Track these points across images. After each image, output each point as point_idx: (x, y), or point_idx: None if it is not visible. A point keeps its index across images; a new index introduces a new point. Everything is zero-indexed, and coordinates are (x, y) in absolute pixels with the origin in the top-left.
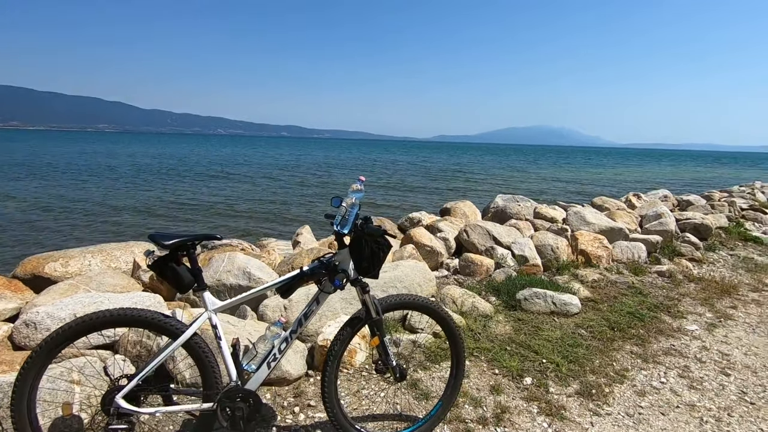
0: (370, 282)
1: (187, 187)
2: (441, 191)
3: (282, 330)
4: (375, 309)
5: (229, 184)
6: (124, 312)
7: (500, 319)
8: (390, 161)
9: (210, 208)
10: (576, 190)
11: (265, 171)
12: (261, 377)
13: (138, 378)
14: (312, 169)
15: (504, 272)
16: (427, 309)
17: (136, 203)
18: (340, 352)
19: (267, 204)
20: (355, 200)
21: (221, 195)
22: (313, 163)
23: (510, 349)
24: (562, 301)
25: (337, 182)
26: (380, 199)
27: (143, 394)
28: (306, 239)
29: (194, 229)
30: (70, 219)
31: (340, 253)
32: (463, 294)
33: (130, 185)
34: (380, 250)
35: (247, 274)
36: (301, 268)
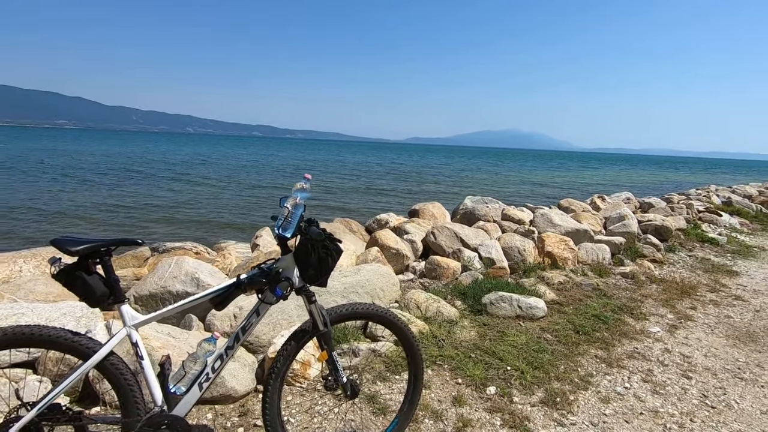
0: (326, 287)
1: (141, 189)
2: (411, 193)
3: (215, 347)
4: (322, 320)
5: (187, 186)
6: (21, 330)
7: (465, 325)
8: (360, 162)
9: (164, 210)
10: (543, 193)
11: (228, 172)
12: (191, 401)
13: (39, 407)
14: (279, 170)
15: (470, 275)
16: (381, 319)
17: (79, 206)
18: (283, 369)
19: (228, 206)
20: (299, 200)
21: (178, 197)
22: (281, 163)
23: (474, 356)
24: (527, 305)
25: None
26: (349, 200)
27: (49, 425)
28: (265, 242)
29: (149, 234)
30: (6, 221)
31: (283, 259)
32: (427, 299)
33: (79, 186)
34: (328, 255)
35: (196, 280)
36: (239, 276)
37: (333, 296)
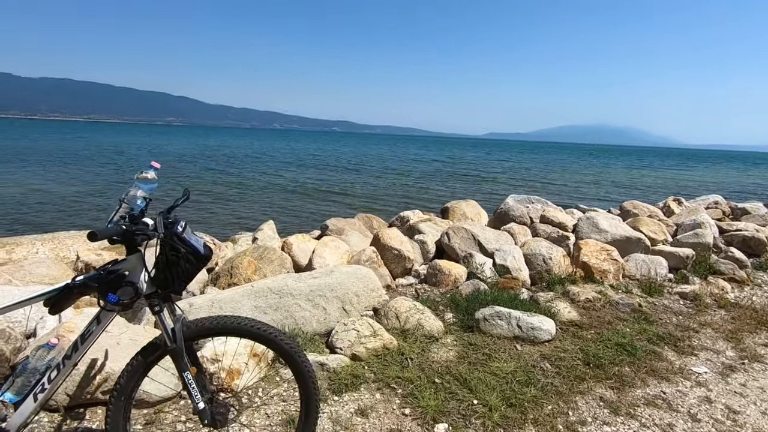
0: (181, 294)
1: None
2: (460, 191)
3: (51, 354)
4: (170, 336)
5: (238, 177)
6: None
7: (448, 342)
8: (420, 157)
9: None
10: (616, 193)
11: (298, 164)
12: (26, 412)
13: None
14: (330, 166)
15: (473, 284)
16: (256, 336)
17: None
18: (128, 387)
19: (282, 198)
20: (140, 192)
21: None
22: (338, 158)
23: (440, 382)
24: (529, 325)
25: (360, 179)
26: (388, 196)
27: None
28: (266, 235)
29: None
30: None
31: (128, 259)
32: (410, 308)
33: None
34: (180, 258)
35: None
36: (74, 278)
37: (297, 299)
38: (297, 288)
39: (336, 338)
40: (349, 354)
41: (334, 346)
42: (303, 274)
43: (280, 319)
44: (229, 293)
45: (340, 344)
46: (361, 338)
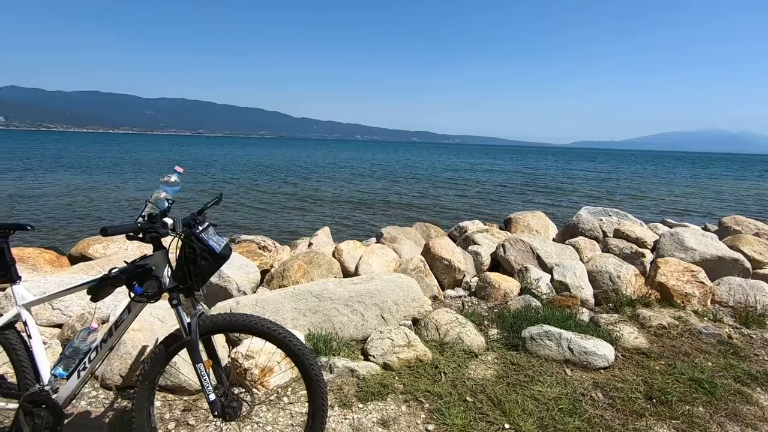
0: (199, 291)
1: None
2: (528, 202)
3: (90, 337)
4: (185, 329)
5: (329, 183)
6: None
7: (488, 360)
8: (497, 167)
9: (297, 201)
10: (720, 207)
11: (375, 173)
12: (71, 386)
13: None
14: (420, 176)
15: (524, 300)
16: (266, 335)
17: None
18: (151, 374)
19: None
20: (164, 194)
21: (317, 191)
22: (425, 168)
23: (471, 401)
24: (581, 348)
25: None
26: (451, 205)
27: None
28: (321, 241)
29: (291, 223)
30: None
31: (153, 255)
32: (451, 321)
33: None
34: (197, 256)
35: (219, 271)
36: (110, 270)
37: (336, 303)
38: (337, 293)
39: (370, 345)
40: (381, 362)
41: (368, 353)
42: (344, 280)
43: (319, 322)
44: (272, 294)
45: (374, 352)
46: (395, 348)
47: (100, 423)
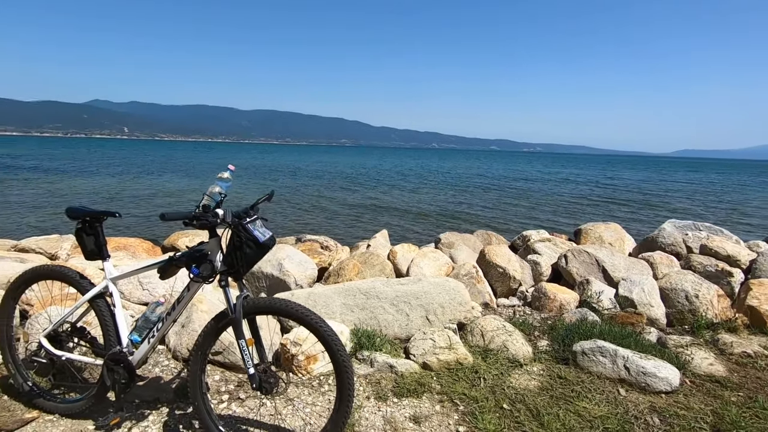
0: (240, 277)
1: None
2: (616, 213)
3: (158, 309)
4: (230, 307)
5: (405, 190)
6: (54, 268)
7: (533, 371)
8: (577, 177)
9: (382, 208)
10: None
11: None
12: (142, 351)
13: (54, 324)
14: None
15: (580, 313)
16: (301, 320)
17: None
18: (203, 346)
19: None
20: (218, 189)
21: (400, 198)
22: (504, 177)
23: (508, 409)
24: (640, 368)
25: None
26: (527, 216)
27: (65, 339)
28: (378, 243)
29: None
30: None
31: (209, 242)
32: (498, 328)
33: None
34: (243, 244)
35: (280, 265)
36: (174, 253)
37: (382, 302)
38: (384, 292)
39: (412, 345)
40: (420, 362)
41: (409, 352)
42: (392, 280)
43: (365, 318)
44: (324, 289)
45: (414, 351)
46: (436, 349)
47: (167, 387)
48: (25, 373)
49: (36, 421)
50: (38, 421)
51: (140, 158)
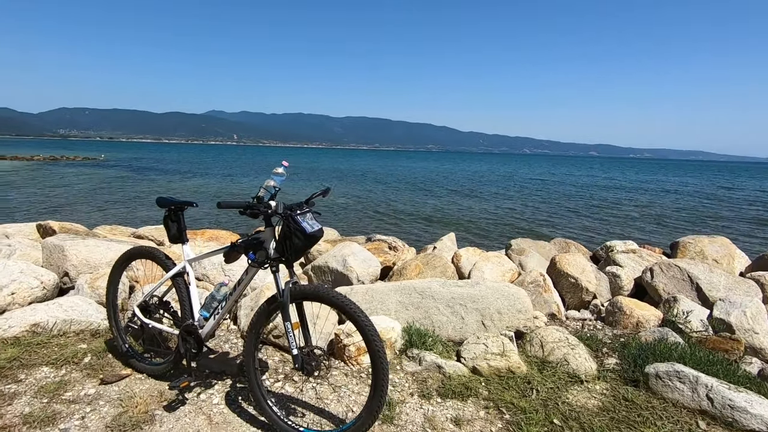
0: (291, 264)
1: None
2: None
3: (222, 290)
4: (280, 292)
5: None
6: (144, 249)
7: (595, 389)
8: (685, 186)
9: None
10: None
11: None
12: (209, 325)
13: (145, 296)
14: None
15: (660, 333)
16: (341, 308)
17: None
18: (257, 325)
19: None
20: (273, 183)
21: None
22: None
23: (559, 424)
24: (727, 401)
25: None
26: (616, 227)
27: (153, 310)
28: (444, 245)
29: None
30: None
31: (264, 231)
32: (559, 340)
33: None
34: (292, 234)
35: (344, 261)
36: (237, 240)
37: (437, 302)
38: (439, 293)
39: (464, 348)
40: (470, 366)
41: (460, 354)
42: (449, 282)
43: (419, 317)
44: (381, 286)
45: (466, 354)
46: (487, 354)
47: (233, 362)
48: (124, 336)
49: (129, 377)
50: (130, 378)
51: (243, 161)
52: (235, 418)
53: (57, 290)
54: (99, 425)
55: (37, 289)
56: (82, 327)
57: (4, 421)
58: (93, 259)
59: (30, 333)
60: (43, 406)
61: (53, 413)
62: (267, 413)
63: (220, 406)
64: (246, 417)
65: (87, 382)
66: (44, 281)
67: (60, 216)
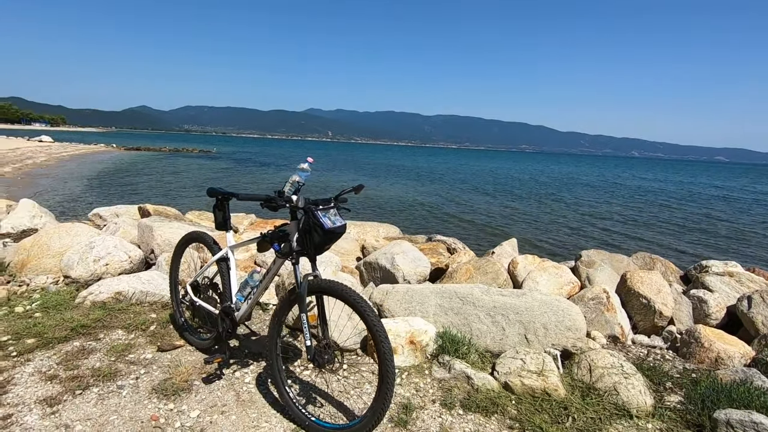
0: (312, 258)
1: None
2: None
3: (256, 276)
4: (297, 283)
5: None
6: (197, 234)
7: (647, 427)
8: None
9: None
10: None
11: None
12: (243, 309)
13: (195, 277)
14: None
15: (746, 374)
16: (354, 307)
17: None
18: (280, 314)
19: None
20: (298, 178)
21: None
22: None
23: None
24: None
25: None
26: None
27: (203, 290)
28: (504, 251)
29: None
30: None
31: (290, 224)
32: (611, 366)
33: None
34: (311, 228)
35: (392, 259)
36: (266, 232)
37: (478, 310)
38: (481, 300)
39: (500, 361)
40: (502, 381)
41: (495, 367)
42: (492, 289)
43: (458, 323)
44: (421, 287)
45: (500, 368)
46: (523, 371)
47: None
48: (181, 310)
49: (181, 348)
50: (182, 349)
51: (330, 156)
52: (260, 398)
53: (143, 264)
54: (147, 387)
55: (125, 262)
56: (155, 299)
57: (78, 372)
58: (174, 239)
59: (114, 299)
60: (110, 364)
61: (115, 371)
62: (284, 398)
63: (249, 386)
64: (270, 399)
65: (148, 347)
66: (131, 256)
67: (167, 200)
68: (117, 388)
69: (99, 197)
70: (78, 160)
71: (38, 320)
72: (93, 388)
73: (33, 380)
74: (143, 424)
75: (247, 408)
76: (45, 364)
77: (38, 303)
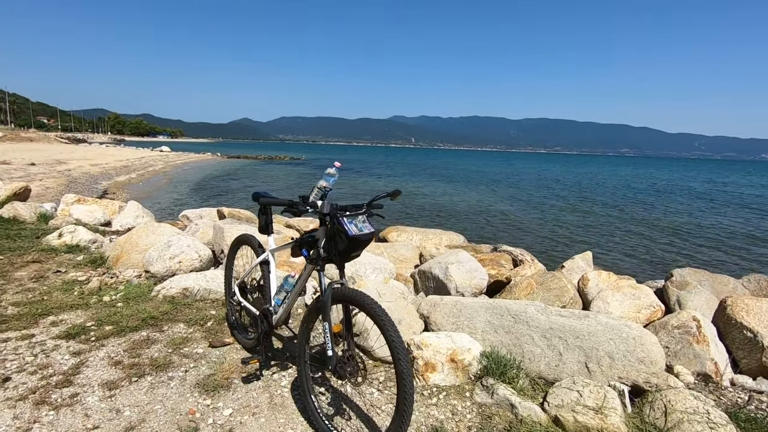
0: (340, 265)
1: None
2: None
3: (290, 281)
4: (322, 291)
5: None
6: (245, 236)
7: None
8: None
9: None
10: None
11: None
12: (279, 311)
13: (242, 277)
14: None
15: None
16: (375, 320)
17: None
18: (308, 320)
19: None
20: (325, 183)
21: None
22: None
23: None
24: None
25: None
26: None
27: (249, 291)
28: (576, 265)
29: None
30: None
31: (318, 230)
32: (693, 411)
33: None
34: (335, 235)
35: (446, 269)
36: (298, 237)
37: (532, 330)
38: (536, 319)
39: (553, 391)
40: (552, 414)
41: (546, 397)
42: (552, 308)
43: (508, 343)
44: (471, 301)
45: (551, 399)
46: (578, 405)
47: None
48: (233, 308)
49: (230, 345)
50: (230, 346)
51: (409, 162)
52: (291, 404)
53: (212, 263)
54: (193, 380)
55: (195, 260)
56: (217, 296)
57: (139, 360)
58: None
59: (181, 295)
60: (167, 355)
61: (169, 362)
62: (309, 406)
63: (284, 389)
64: (300, 406)
65: (201, 342)
66: (201, 255)
67: (248, 202)
68: (167, 379)
69: (196, 199)
70: (188, 167)
71: (118, 309)
72: (147, 376)
73: (102, 364)
74: (180, 417)
75: (277, 412)
76: (114, 351)
77: (122, 294)
